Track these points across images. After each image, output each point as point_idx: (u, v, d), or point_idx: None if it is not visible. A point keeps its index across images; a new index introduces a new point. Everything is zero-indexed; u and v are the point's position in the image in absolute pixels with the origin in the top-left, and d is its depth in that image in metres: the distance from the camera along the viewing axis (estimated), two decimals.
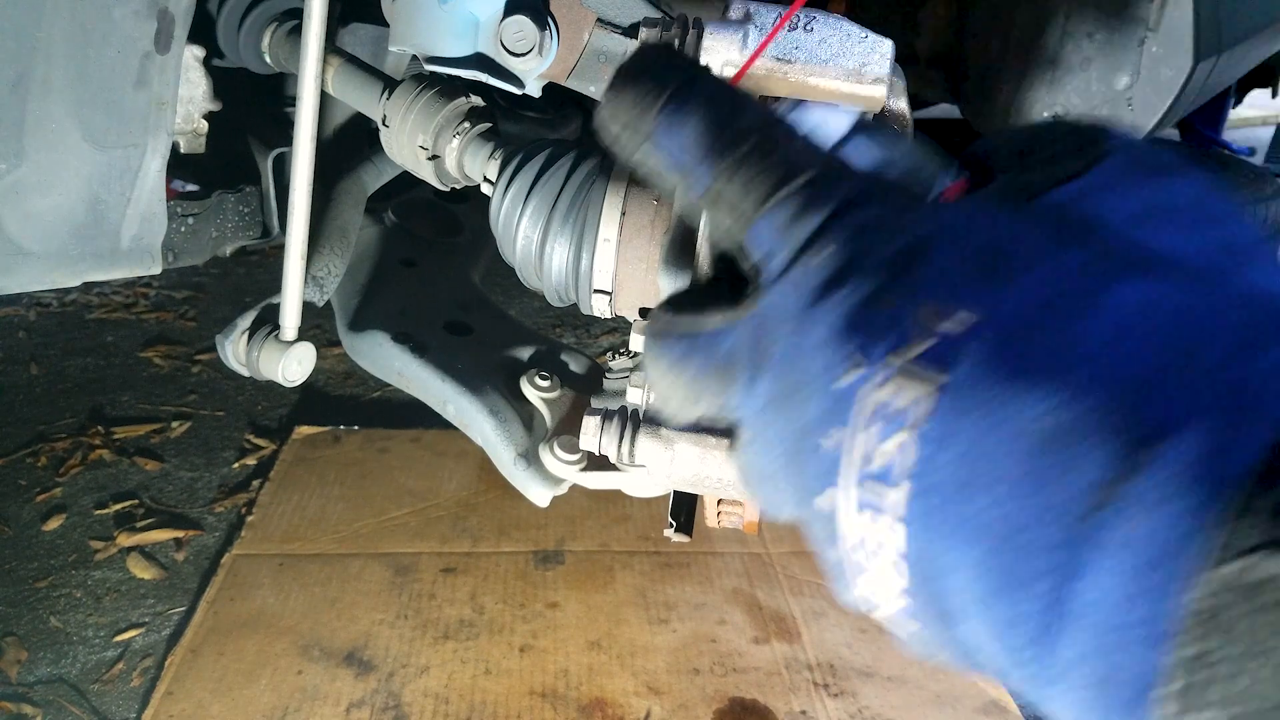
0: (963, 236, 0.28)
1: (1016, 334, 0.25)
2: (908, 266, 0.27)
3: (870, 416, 0.27)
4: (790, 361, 0.29)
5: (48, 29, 0.78)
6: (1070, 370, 0.24)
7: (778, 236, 0.31)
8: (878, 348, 0.27)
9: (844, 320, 0.28)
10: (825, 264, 0.29)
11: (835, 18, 0.61)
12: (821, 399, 0.28)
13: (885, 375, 0.26)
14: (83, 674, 1.55)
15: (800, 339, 0.29)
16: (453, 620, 1.65)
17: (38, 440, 2.21)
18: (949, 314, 0.26)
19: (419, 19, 0.81)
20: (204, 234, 1.12)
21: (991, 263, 0.26)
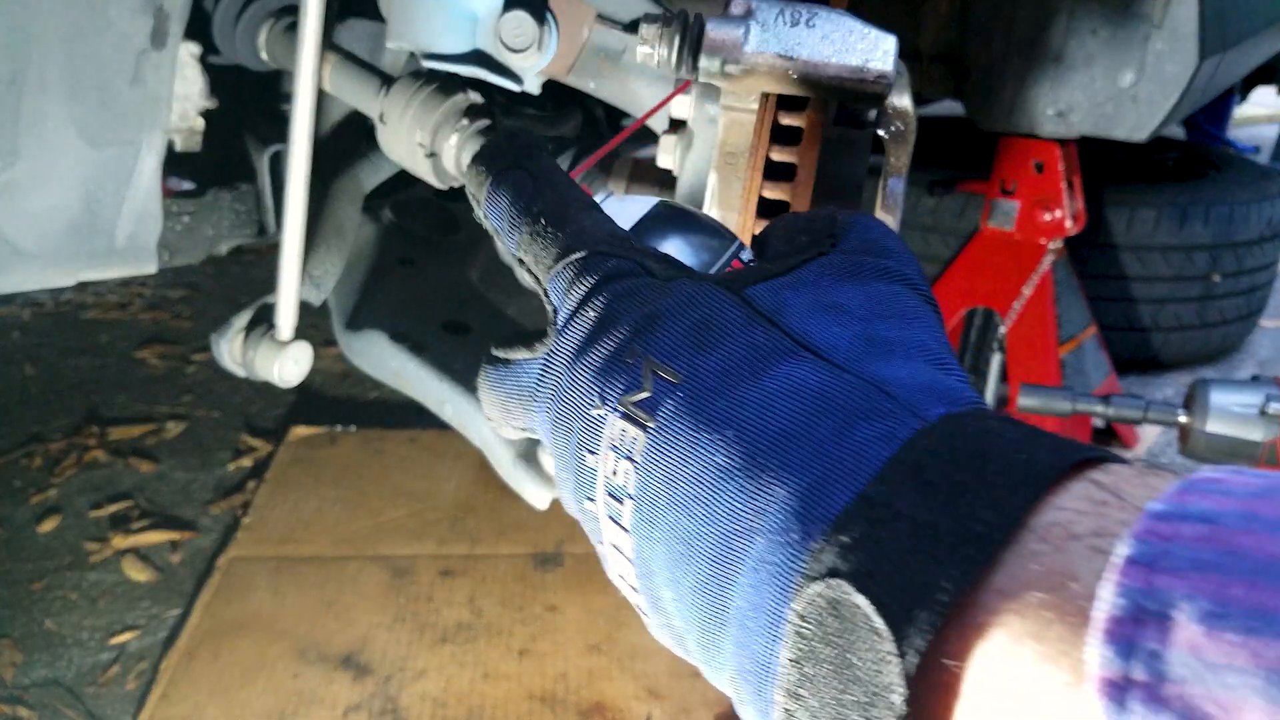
0: (686, 311, 0.35)
1: (703, 392, 0.33)
2: (644, 331, 0.35)
3: (608, 446, 0.35)
4: (565, 395, 0.37)
5: (42, 27, 0.78)
6: (732, 425, 0.31)
7: (560, 296, 0.39)
8: (614, 391, 0.35)
9: (597, 368, 0.36)
10: (590, 322, 0.37)
11: (838, 13, 0.60)
12: (583, 427, 0.36)
13: (618, 414, 0.34)
14: (78, 677, 1.54)
15: (572, 378, 0.37)
16: (451, 623, 1.64)
17: (32, 441, 2.19)
18: (663, 371, 0.34)
19: (417, 15, 0.81)
20: (200, 232, 1.11)
21: (700, 335, 0.34)
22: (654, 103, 0.85)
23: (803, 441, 0.30)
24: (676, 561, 0.32)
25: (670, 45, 0.61)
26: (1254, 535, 0.23)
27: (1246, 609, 0.22)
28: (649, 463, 0.33)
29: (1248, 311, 2.78)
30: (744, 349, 0.33)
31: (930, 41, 2.00)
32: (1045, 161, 2.06)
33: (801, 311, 0.35)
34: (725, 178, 0.64)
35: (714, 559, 0.31)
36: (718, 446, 0.31)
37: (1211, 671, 0.22)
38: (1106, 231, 2.50)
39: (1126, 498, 0.26)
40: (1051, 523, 0.26)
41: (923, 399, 0.31)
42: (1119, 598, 0.23)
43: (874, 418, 0.30)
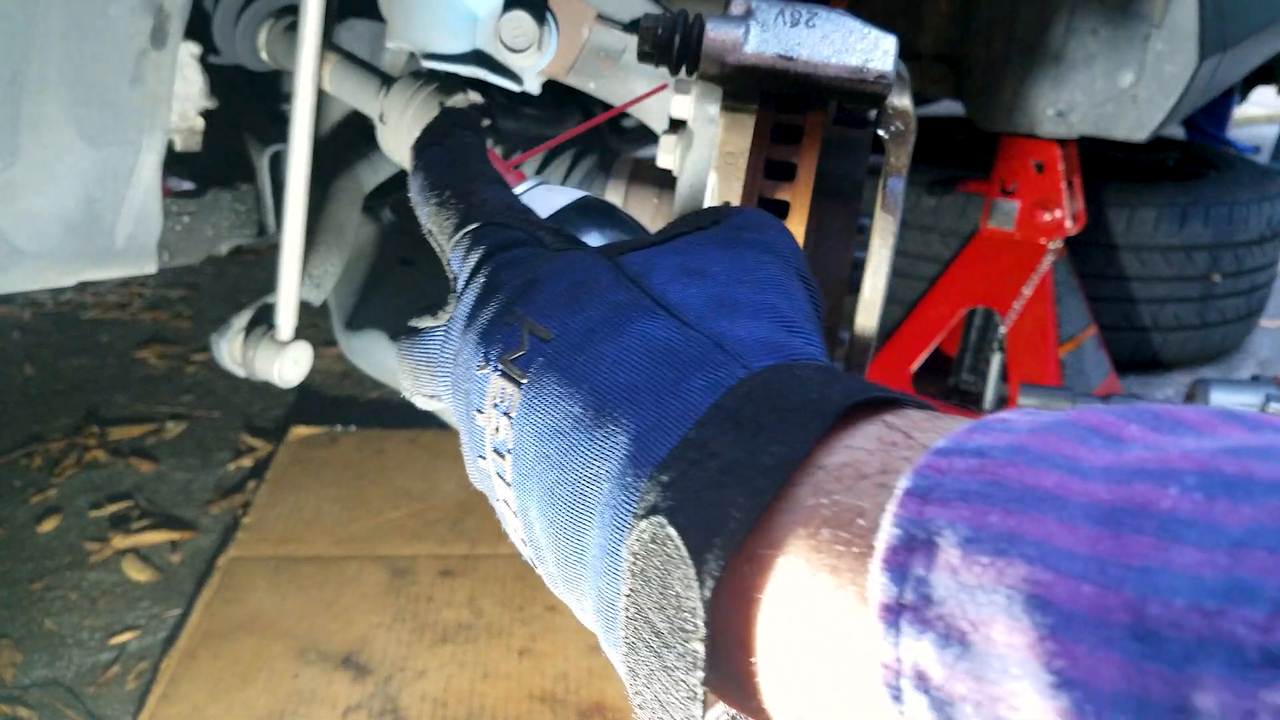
0: (564, 275, 0.38)
1: (568, 348, 0.35)
2: (523, 294, 0.37)
3: (491, 404, 0.37)
4: (459, 358, 0.40)
5: (43, 26, 0.78)
6: (589, 379, 0.34)
7: (458, 264, 0.42)
8: (495, 351, 0.37)
9: (482, 329, 0.38)
10: (479, 288, 0.40)
11: (838, 13, 0.60)
12: (473, 387, 0.38)
13: (498, 373, 0.36)
14: (78, 677, 1.54)
15: (464, 341, 0.39)
16: (451, 623, 1.64)
17: (32, 441, 2.19)
18: (538, 330, 0.36)
19: (417, 15, 0.81)
20: (200, 232, 1.11)
21: (572, 296, 0.37)
22: (654, 104, 0.85)
23: (645, 392, 0.33)
24: (544, 510, 0.34)
25: (670, 45, 0.61)
26: (1016, 467, 0.25)
27: (998, 534, 0.24)
28: (521, 417, 0.35)
29: (1248, 311, 2.78)
30: (607, 308, 0.36)
31: (930, 41, 2.00)
32: (1045, 161, 2.06)
33: (665, 274, 0.38)
34: (725, 177, 0.64)
35: (571, 505, 0.33)
36: (575, 399, 0.34)
37: (966, 592, 0.24)
38: (1106, 231, 2.50)
39: (915, 437, 0.29)
40: (844, 462, 0.29)
41: (755, 352, 0.34)
42: (895, 528, 0.25)
43: (706, 368, 0.33)
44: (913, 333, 2.31)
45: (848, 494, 0.28)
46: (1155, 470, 0.24)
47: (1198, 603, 0.21)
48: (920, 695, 0.25)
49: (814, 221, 0.63)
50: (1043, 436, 0.26)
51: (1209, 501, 0.22)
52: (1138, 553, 0.22)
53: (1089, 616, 0.22)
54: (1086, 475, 0.25)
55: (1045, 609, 0.23)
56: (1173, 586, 0.21)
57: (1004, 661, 0.23)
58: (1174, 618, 0.21)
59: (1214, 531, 0.22)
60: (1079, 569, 0.23)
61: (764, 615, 0.29)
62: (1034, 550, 0.23)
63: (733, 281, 0.38)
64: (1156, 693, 0.21)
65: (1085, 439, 0.26)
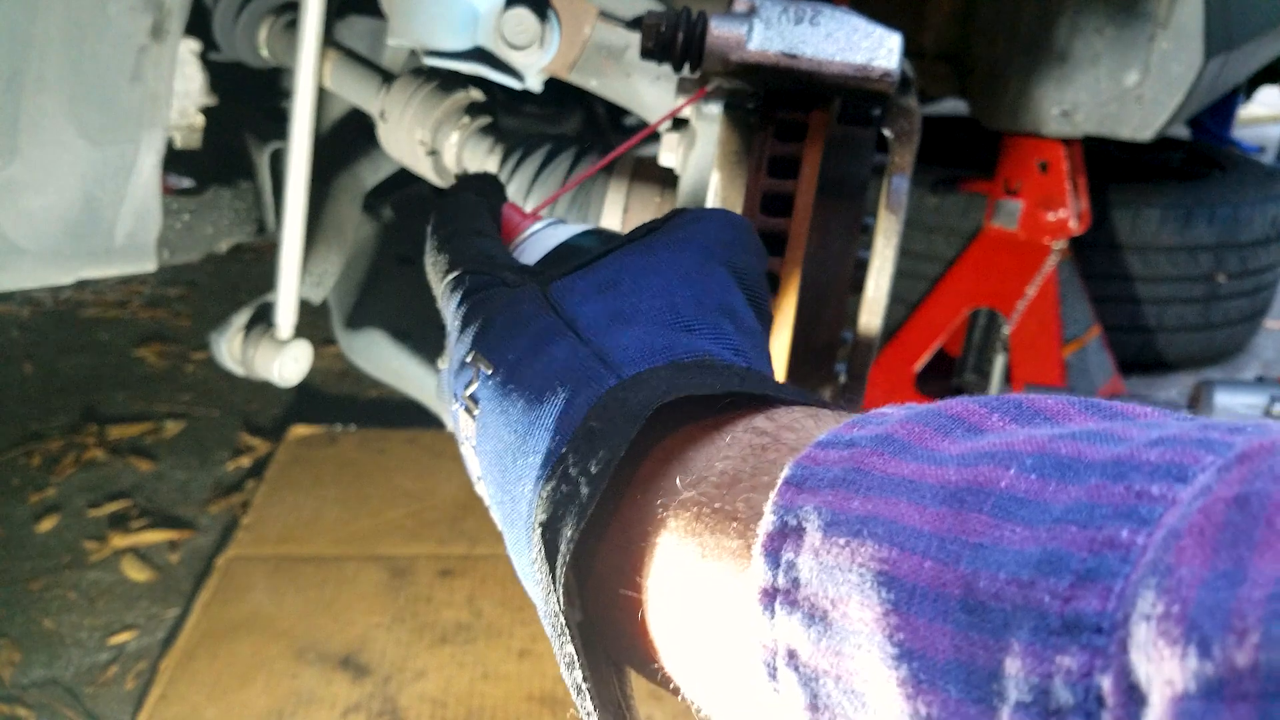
0: (506, 310, 0.41)
1: (503, 380, 0.39)
2: (479, 333, 0.42)
3: (463, 436, 0.42)
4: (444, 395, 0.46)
5: (43, 24, 0.77)
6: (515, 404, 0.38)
7: (445, 305, 0.46)
8: (458, 387, 0.42)
9: (454, 370, 0.43)
10: (455, 331, 0.44)
11: (842, 10, 0.60)
12: (453, 421, 0.44)
13: (462, 406, 0.41)
14: (76, 677, 1.53)
15: (449, 375, 0.44)
16: (450, 623, 1.63)
17: (31, 439, 2.19)
18: (484, 365, 0.40)
19: (418, 11, 0.80)
20: (199, 230, 1.10)
21: (509, 328, 0.40)
22: (656, 101, 0.84)
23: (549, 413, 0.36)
24: (501, 528, 0.39)
25: (673, 43, 0.60)
26: (881, 455, 0.27)
27: (855, 517, 0.26)
28: (478, 445, 0.40)
29: (1252, 312, 2.77)
30: (530, 336, 0.40)
31: (935, 39, 1.99)
32: (1050, 161, 2.06)
33: (579, 295, 0.41)
34: (728, 176, 0.64)
35: (512, 523, 0.37)
36: (506, 426, 0.38)
37: (826, 572, 0.26)
38: (1110, 232, 2.49)
39: (784, 439, 0.32)
40: (723, 470, 0.31)
41: (635, 360, 0.37)
42: (772, 515, 0.27)
43: (590, 383, 0.36)
44: (916, 333, 2.31)
45: (725, 497, 0.30)
46: (1001, 453, 0.25)
47: (1016, 575, 0.22)
48: (790, 672, 0.26)
49: (818, 220, 0.62)
50: (909, 427, 0.28)
51: (1042, 481, 0.24)
52: (975, 530, 0.24)
53: (928, 590, 0.24)
54: (942, 462, 0.26)
55: (891, 585, 0.24)
56: (999, 561, 0.23)
57: (857, 636, 0.25)
58: (997, 590, 0.22)
59: (1040, 509, 0.23)
60: (922, 546, 0.24)
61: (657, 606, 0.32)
62: (884, 530, 0.25)
63: (637, 290, 0.40)
64: (980, 660, 0.22)
65: (948, 429, 0.28)
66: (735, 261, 0.43)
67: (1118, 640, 0.20)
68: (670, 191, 0.79)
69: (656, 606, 0.32)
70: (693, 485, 0.32)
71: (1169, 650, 0.19)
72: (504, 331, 0.40)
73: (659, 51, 0.60)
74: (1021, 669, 0.22)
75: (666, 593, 0.31)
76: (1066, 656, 0.21)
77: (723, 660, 0.30)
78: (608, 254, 0.43)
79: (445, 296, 0.46)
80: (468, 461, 0.43)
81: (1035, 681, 0.21)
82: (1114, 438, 0.25)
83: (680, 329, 0.39)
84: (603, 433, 0.33)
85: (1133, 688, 0.20)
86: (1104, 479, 0.23)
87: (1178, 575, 0.20)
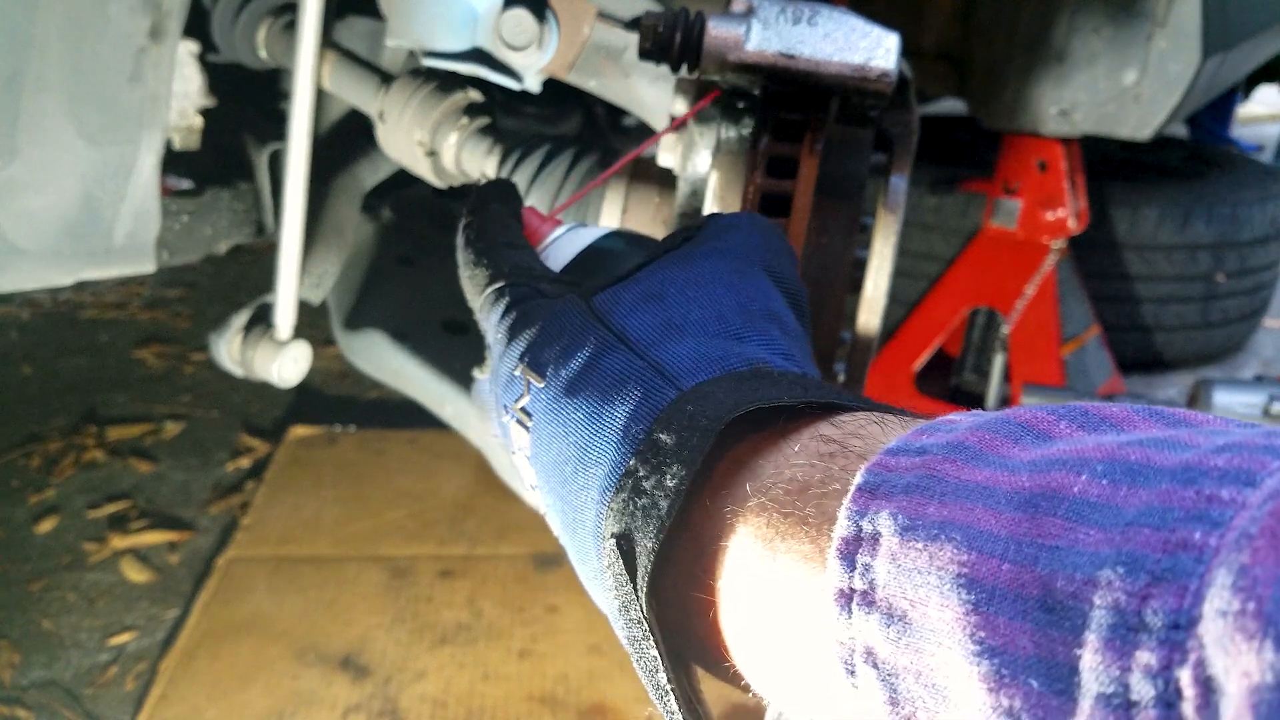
0: (549, 323, 0.42)
1: (556, 392, 0.39)
2: (532, 346, 0.42)
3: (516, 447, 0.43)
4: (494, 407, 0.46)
5: (42, 25, 0.77)
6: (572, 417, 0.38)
7: (485, 318, 0.47)
8: (509, 401, 0.43)
9: (502, 382, 0.44)
10: (497, 343, 0.45)
11: (840, 11, 0.60)
12: (504, 432, 0.45)
13: (514, 419, 0.42)
14: (76, 678, 1.53)
15: (494, 393, 0.45)
16: (450, 624, 1.63)
17: (30, 441, 2.19)
18: (534, 378, 0.41)
19: (417, 12, 0.80)
20: (198, 231, 1.10)
21: (556, 341, 0.41)
22: (655, 102, 0.84)
23: (608, 425, 0.37)
24: (562, 537, 0.41)
25: (671, 43, 0.61)
26: (954, 463, 0.29)
27: (932, 522, 0.27)
28: (533, 457, 0.41)
29: (1251, 311, 2.77)
30: (583, 349, 0.40)
31: (933, 39, 1.99)
32: (1048, 160, 2.06)
33: (626, 307, 0.42)
34: (726, 175, 0.64)
35: (574, 531, 0.39)
36: (564, 439, 0.39)
37: (905, 575, 0.27)
38: (1109, 231, 2.49)
39: (851, 446, 0.33)
40: (791, 478, 0.33)
41: (692, 371, 0.38)
42: (847, 520, 0.29)
43: (650, 396, 0.37)
44: (915, 332, 2.31)
45: (795, 503, 0.32)
46: (1072, 459, 0.27)
47: (1093, 576, 0.24)
48: (869, 668, 0.28)
49: (816, 220, 0.63)
50: (979, 434, 0.29)
51: (1113, 486, 0.25)
52: (1050, 533, 0.25)
53: (1007, 591, 0.25)
54: (1014, 468, 0.27)
55: (971, 586, 0.26)
56: (1075, 562, 0.24)
57: (937, 634, 0.26)
58: (1074, 590, 0.24)
59: (1113, 513, 0.24)
60: (999, 549, 0.26)
61: (731, 610, 0.34)
62: (961, 534, 0.26)
63: (685, 300, 0.41)
64: (1060, 655, 0.24)
65: (1018, 436, 0.29)
66: (772, 265, 0.44)
67: (1194, 636, 0.21)
68: (669, 191, 0.79)
69: (729, 608, 0.34)
70: (762, 492, 0.33)
71: (1245, 644, 0.20)
72: (554, 344, 0.41)
73: (657, 52, 0.60)
74: (1102, 663, 0.23)
75: (739, 595, 0.33)
76: (1145, 651, 0.22)
77: (798, 658, 0.31)
78: (647, 265, 0.44)
79: (486, 309, 0.47)
80: (521, 471, 0.45)
81: (1115, 675, 0.22)
82: (1181, 444, 0.26)
83: (731, 338, 0.40)
84: (675, 447, 0.34)
85: (1209, 680, 0.21)
86: (1174, 484, 0.24)
87: (1252, 574, 0.21)
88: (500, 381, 0.44)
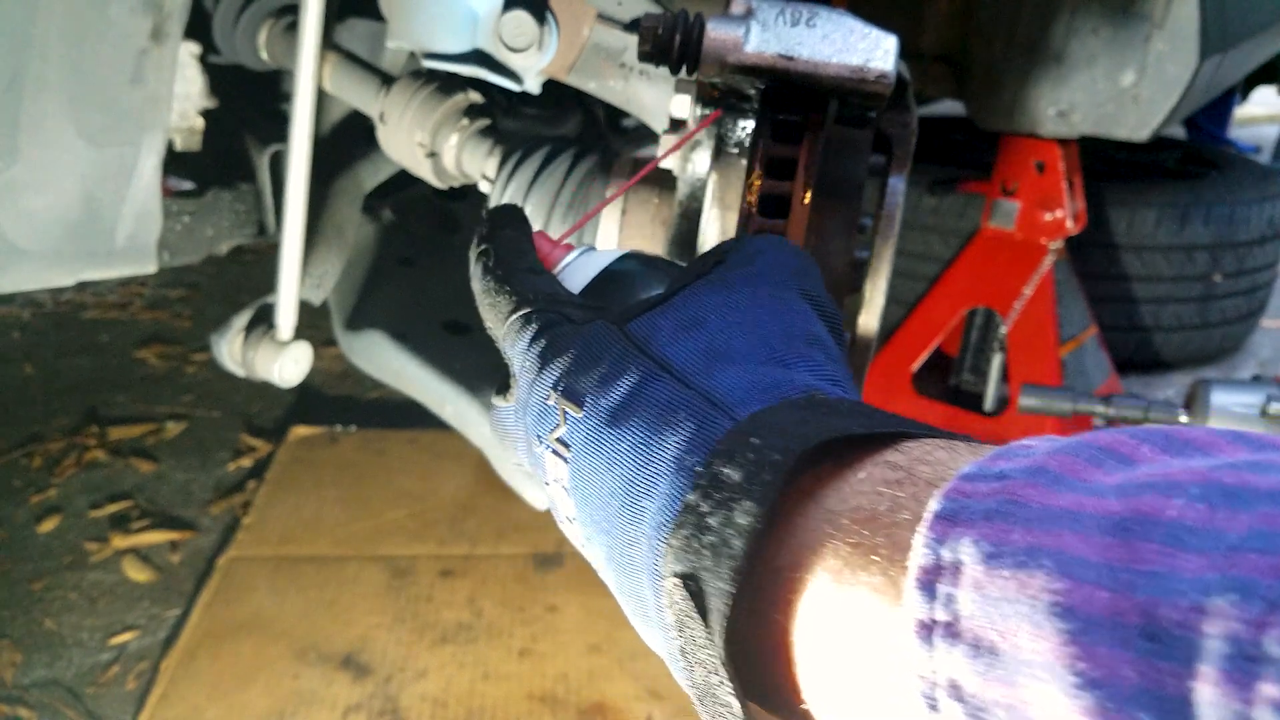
0: (585, 350, 0.41)
1: (597, 423, 0.39)
2: (557, 373, 0.41)
3: (551, 477, 0.42)
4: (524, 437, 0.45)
5: (43, 26, 0.77)
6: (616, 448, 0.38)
7: (511, 345, 0.46)
8: (543, 432, 0.42)
9: (534, 411, 0.43)
10: (525, 371, 0.44)
11: (839, 12, 0.60)
12: (536, 462, 0.44)
13: (549, 450, 0.41)
14: (78, 677, 1.54)
15: (523, 422, 0.44)
16: (451, 623, 1.64)
17: (32, 441, 2.19)
18: (570, 409, 0.40)
19: (417, 14, 0.80)
20: (199, 232, 1.11)
21: (592, 369, 0.40)
22: (654, 103, 0.84)
23: (657, 456, 0.36)
24: (605, 572, 0.40)
25: (670, 45, 0.61)
26: (1036, 487, 0.27)
27: (1018, 549, 0.26)
28: (573, 489, 0.40)
29: (1249, 311, 2.77)
30: (622, 377, 0.39)
31: (931, 41, 1.99)
32: (1046, 161, 2.06)
33: (666, 334, 0.41)
34: (725, 177, 0.64)
35: (623, 567, 0.37)
36: (609, 470, 0.38)
37: (992, 604, 0.26)
38: (1107, 231, 2.49)
39: (918, 473, 0.32)
40: (856, 506, 0.32)
41: (745, 400, 0.37)
42: (925, 549, 0.28)
43: (703, 427, 0.36)
44: (913, 333, 2.31)
45: (864, 534, 0.31)
46: (1162, 483, 0.25)
47: (1200, 603, 0.22)
48: (954, 703, 0.26)
49: (815, 221, 0.63)
50: (1060, 459, 0.28)
51: (1210, 510, 0.24)
52: (1146, 559, 0.24)
53: (1105, 620, 0.24)
54: (1101, 493, 0.26)
55: (1065, 615, 0.24)
56: (1178, 589, 0.23)
57: (1031, 666, 0.25)
58: (1180, 618, 0.23)
59: (1214, 537, 0.23)
60: (1094, 576, 0.24)
61: (802, 646, 0.32)
62: (1052, 561, 0.25)
63: (727, 327, 0.40)
64: (1170, 687, 0.22)
65: (1100, 460, 0.28)
66: (807, 289, 0.43)
67: None
68: (668, 192, 0.79)
69: (799, 647, 0.32)
70: (829, 523, 0.32)
71: None
72: (590, 372, 0.40)
73: (656, 54, 0.61)
74: (1221, 696, 0.22)
75: (809, 633, 0.32)
76: (1268, 684, 0.21)
77: (875, 695, 0.30)
78: (681, 290, 0.43)
79: (511, 337, 0.46)
80: (557, 503, 0.43)
81: (1237, 709, 0.21)
82: (1275, 467, 0.25)
83: (778, 364, 0.39)
84: (744, 482, 0.33)
85: None
86: (1274, 507, 0.23)
87: None
88: (531, 411, 0.43)
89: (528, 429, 0.44)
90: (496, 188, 0.81)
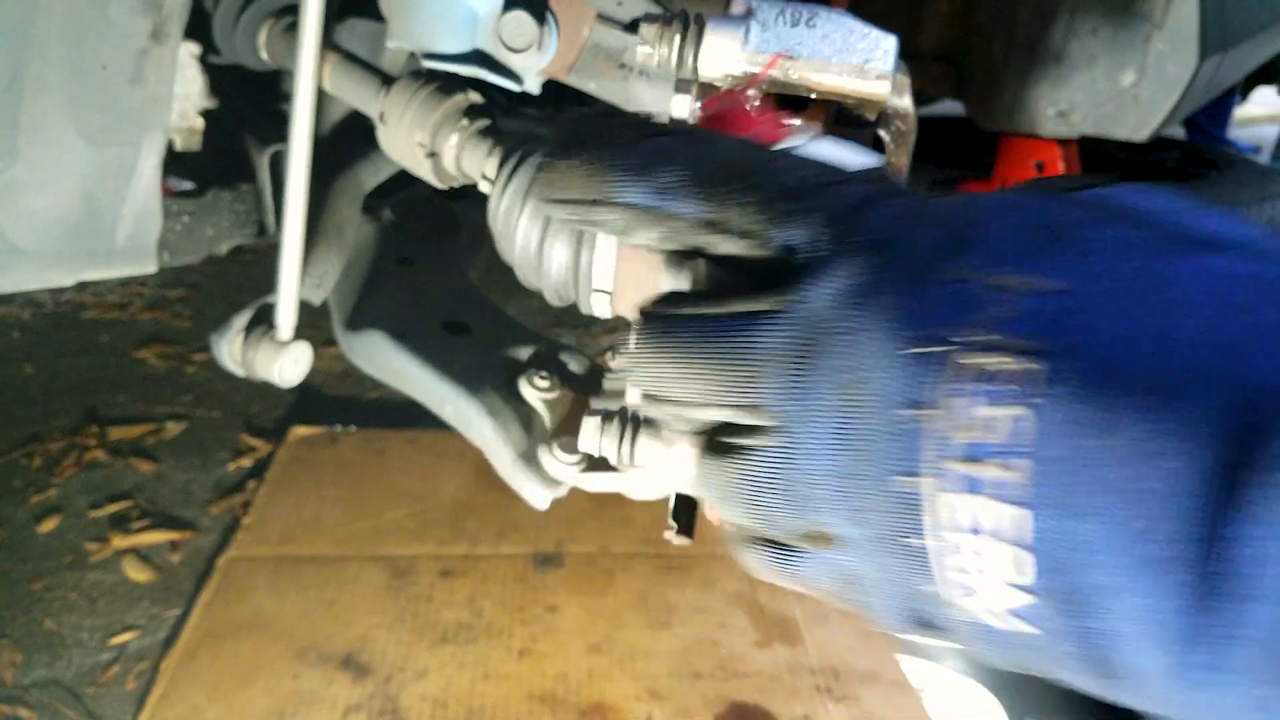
0: (1010, 216, 0.27)
1: (1109, 301, 0.23)
2: (959, 246, 0.26)
3: (970, 387, 0.23)
4: (850, 346, 0.26)
5: (43, 26, 0.77)
6: (1169, 335, 0.22)
7: (793, 239, 0.31)
8: (960, 317, 0.24)
9: (908, 295, 0.26)
10: (872, 254, 0.28)
11: (839, 13, 0.60)
12: (890, 373, 0.25)
13: (983, 343, 0.23)
14: (78, 677, 1.54)
15: (861, 322, 0.27)
16: (451, 623, 1.64)
17: (32, 441, 2.19)
18: (1027, 282, 0.24)
19: (417, 14, 0.80)
20: (199, 232, 1.11)
21: (1052, 238, 0.25)
22: (655, 103, 0.84)
23: (1268, 344, 0.22)
24: (1132, 524, 0.21)
25: (670, 45, 0.61)
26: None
27: None
28: (1071, 399, 0.22)
29: None
30: (1132, 247, 0.25)
31: (931, 41, 1.99)
32: (1046, 161, 2.06)
33: (1161, 210, 0.26)
34: None
35: (1195, 519, 0.21)
36: (1168, 365, 0.22)
37: None
38: None
39: None
40: None
41: None
42: None
43: None
44: None
45: None
46: None
47: None
48: None
49: None
50: None
51: None
52: None
53: None
54: None
55: None
56: None
57: None
58: None
59: None
60: None
61: None
62: None
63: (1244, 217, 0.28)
64: None
65: None
66: None
67: None
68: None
69: None
70: None
71: None
72: (1041, 242, 0.26)
73: (656, 54, 0.61)
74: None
75: None
76: None
77: None
78: (1095, 185, 0.30)
79: (798, 220, 0.32)
80: (919, 505, 0.27)
81: None
82: None
83: None
84: None
85: None
86: None
87: None
88: (906, 295, 0.27)
89: (885, 324, 0.26)
90: (497, 187, 0.81)
